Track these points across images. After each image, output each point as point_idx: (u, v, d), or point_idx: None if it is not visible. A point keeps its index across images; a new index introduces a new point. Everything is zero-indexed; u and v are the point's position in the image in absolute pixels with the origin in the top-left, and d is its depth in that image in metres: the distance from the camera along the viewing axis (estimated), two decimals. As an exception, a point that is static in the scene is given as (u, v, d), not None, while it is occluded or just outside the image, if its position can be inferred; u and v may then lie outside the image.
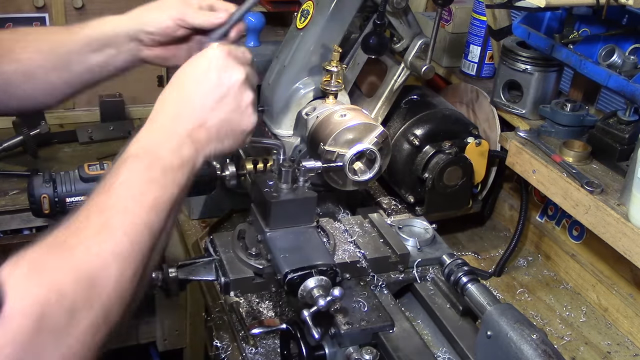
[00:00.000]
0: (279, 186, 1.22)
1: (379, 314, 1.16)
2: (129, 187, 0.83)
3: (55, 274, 0.71)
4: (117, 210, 0.80)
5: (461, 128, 1.60)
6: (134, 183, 0.84)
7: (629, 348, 1.43)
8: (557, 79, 1.64)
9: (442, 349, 1.22)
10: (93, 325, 0.72)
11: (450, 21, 1.96)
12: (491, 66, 1.89)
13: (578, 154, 1.47)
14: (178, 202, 0.88)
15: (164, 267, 1.19)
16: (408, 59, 1.54)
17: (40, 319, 0.67)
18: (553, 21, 1.60)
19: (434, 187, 1.55)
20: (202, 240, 1.63)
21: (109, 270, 0.75)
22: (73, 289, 0.71)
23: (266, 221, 1.20)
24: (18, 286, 0.67)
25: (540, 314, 1.51)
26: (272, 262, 1.17)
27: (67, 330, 0.69)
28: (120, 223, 0.79)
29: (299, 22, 1.55)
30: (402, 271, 1.30)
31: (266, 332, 1.22)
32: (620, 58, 1.43)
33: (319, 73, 1.49)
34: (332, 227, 1.32)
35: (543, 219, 1.72)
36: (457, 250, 1.70)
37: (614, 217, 1.30)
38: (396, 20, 1.50)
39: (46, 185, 1.16)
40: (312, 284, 1.09)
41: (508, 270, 1.64)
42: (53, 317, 0.68)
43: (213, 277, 1.21)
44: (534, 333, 1.00)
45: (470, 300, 1.12)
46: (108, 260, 0.76)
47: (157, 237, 0.83)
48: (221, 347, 1.35)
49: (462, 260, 1.20)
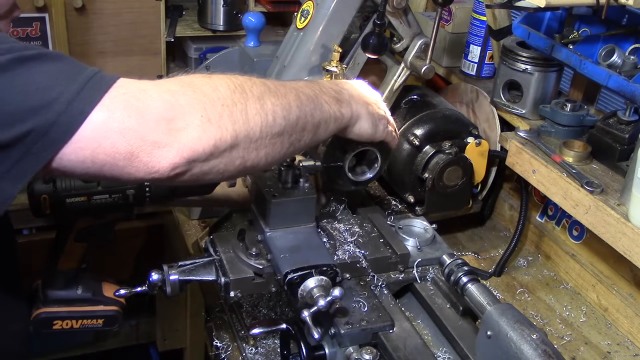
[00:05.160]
0: (279, 186, 1.22)
1: (379, 314, 1.16)
2: (291, 84, 1.01)
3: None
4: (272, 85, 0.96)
5: (461, 128, 1.60)
6: (295, 84, 1.02)
7: (629, 348, 1.43)
8: (557, 79, 1.64)
9: (442, 349, 1.22)
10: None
11: (450, 21, 1.96)
12: (491, 66, 1.89)
13: (578, 154, 1.47)
14: (317, 125, 1.02)
15: (164, 267, 1.19)
16: (408, 59, 1.54)
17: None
18: (553, 21, 1.60)
19: (434, 187, 1.55)
20: (202, 240, 1.63)
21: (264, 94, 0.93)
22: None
23: (266, 221, 1.20)
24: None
25: (540, 314, 1.51)
26: (272, 262, 1.17)
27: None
28: (275, 87, 0.96)
29: (299, 22, 1.56)
30: (402, 271, 1.30)
31: (266, 332, 1.22)
32: (620, 58, 1.43)
33: (319, 73, 1.49)
34: (332, 227, 1.32)
35: (543, 219, 1.72)
36: (457, 250, 1.70)
37: (614, 217, 1.30)
38: (396, 20, 1.50)
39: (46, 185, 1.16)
40: (312, 284, 1.09)
41: (508, 270, 1.64)
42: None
43: (213, 277, 1.21)
44: (534, 333, 1.00)
45: (470, 300, 1.12)
46: (264, 89, 0.93)
47: (302, 124, 0.98)
48: (221, 347, 1.35)
49: (462, 260, 1.19)
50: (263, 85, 0.94)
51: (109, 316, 1.29)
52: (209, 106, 0.84)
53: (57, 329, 1.27)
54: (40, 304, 1.25)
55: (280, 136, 0.94)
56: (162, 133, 0.80)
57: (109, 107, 0.78)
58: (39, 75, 0.77)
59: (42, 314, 1.25)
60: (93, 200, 1.18)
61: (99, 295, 1.29)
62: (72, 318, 1.27)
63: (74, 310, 1.27)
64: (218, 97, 0.86)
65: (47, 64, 0.78)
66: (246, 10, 2.35)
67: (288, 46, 1.56)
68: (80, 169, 0.80)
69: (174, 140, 0.81)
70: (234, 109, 0.87)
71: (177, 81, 0.87)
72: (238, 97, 0.88)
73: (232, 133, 0.86)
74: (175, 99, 0.83)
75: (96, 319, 1.29)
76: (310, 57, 1.51)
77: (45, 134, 0.76)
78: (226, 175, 0.89)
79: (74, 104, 0.76)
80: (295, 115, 0.96)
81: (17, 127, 0.75)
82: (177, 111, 0.82)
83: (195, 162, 0.84)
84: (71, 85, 0.77)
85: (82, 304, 1.28)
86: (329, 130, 1.06)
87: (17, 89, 0.75)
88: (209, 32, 2.43)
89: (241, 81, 0.91)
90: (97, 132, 0.77)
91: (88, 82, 0.78)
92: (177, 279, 1.18)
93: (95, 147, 0.78)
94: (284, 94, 0.96)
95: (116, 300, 1.29)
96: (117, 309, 1.30)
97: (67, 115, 0.76)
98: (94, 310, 1.28)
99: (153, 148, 0.80)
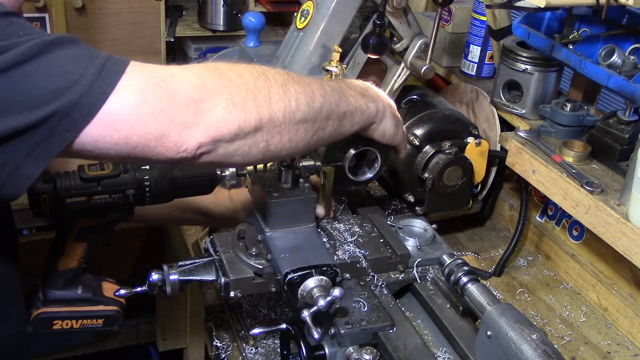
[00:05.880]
0: (279, 186, 1.22)
1: (379, 314, 1.16)
2: (315, 79, 1.04)
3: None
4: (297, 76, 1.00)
5: (461, 128, 1.60)
6: (320, 80, 1.05)
7: (629, 348, 1.43)
8: (557, 79, 1.64)
9: (442, 349, 1.22)
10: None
11: (450, 21, 1.96)
12: (491, 66, 1.89)
13: (578, 154, 1.47)
14: (342, 115, 1.04)
15: (164, 267, 1.19)
16: (408, 59, 1.54)
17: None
18: (553, 21, 1.60)
19: (434, 187, 1.55)
20: (202, 240, 1.63)
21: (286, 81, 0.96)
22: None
23: (266, 221, 1.20)
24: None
25: (540, 314, 1.51)
26: (272, 262, 1.17)
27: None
28: (298, 77, 0.99)
29: (299, 22, 1.56)
30: (402, 271, 1.30)
31: (266, 332, 1.22)
32: (620, 58, 1.43)
33: (319, 73, 1.49)
34: (332, 227, 1.32)
35: (543, 219, 1.72)
36: (457, 250, 1.70)
37: (614, 217, 1.30)
38: (396, 20, 1.50)
39: (46, 185, 1.16)
40: (312, 284, 1.09)
41: (508, 270, 1.64)
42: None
43: (213, 277, 1.21)
44: (534, 333, 1.00)
45: (470, 300, 1.12)
46: (287, 77, 0.96)
47: (325, 112, 1.00)
48: (221, 347, 1.35)
49: (462, 260, 1.19)
50: (286, 74, 0.97)
51: (109, 316, 1.29)
52: (234, 90, 0.88)
53: (57, 329, 1.27)
54: (40, 304, 1.25)
55: (303, 123, 0.96)
56: (190, 114, 0.84)
57: (141, 91, 0.81)
58: (61, 59, 0.80)
59: (42, 314, 1.25)
60: (93, 200, 1.18)
61: (99, 295, 1.29)
62: (72, 318, 1.27)
63: (74, 310, 1.27)
64: (242, 83, 0.90)
65: (67, 48, 0.81)
66: (246, 10, 2.36)
67: (288, 46, 1.56)
68: (114, 150, 0.82)
69: (201, 120, 0.85)
70: (257, 94, 0.90)
71: (203, 66, 0.91)
72: (262, 83, 0.92)
73: (255, 116, 0.89)
74: (202, 82, 0.86)
75: (96, 319, 1.29)
76: (310, 57, 1.51)
77: (68, 115, 0.78)
78: (250, 158, 0.92)
79: (95, 84, 0.79)
80: (319, 103, 0.99)
81: (42, 109, 0.77)
82: (204, 93, 0.86)
83: (220, 142, 0.87)
84: (90, 67, 0.80)
85: (82, 304, 1.27)
86: (355, 123, 1.09)
87: (43, 72, 0.78)
88: (209, 32, 2.43)
89: (264, 69, 0.95)
90: (131, 115, 0.81)
91: (106, 64, 0.81)
92: (177, 279, 1.19)
93: (130, 129, 0.81)
94: (307, 83, 0.99)
95: (116, 300, 1.29)
96: (117, 309, 1.29)
97: (89, 96, 0.79)
98: (94, 310, 1.28)
99: (182, 128, 0.83)
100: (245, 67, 0.93)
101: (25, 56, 0.77)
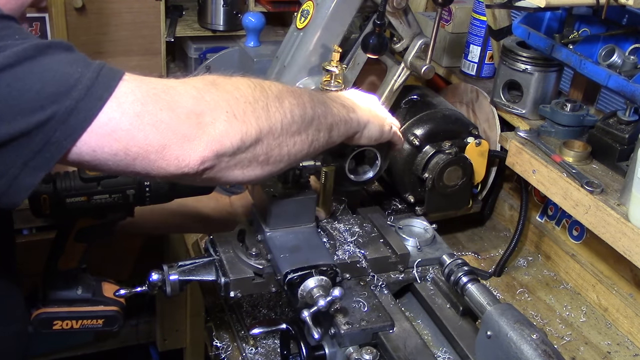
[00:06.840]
0: (278, 186, 1.22)
1: (379, 314, 1.16)
2: (304, 90, 1.04)
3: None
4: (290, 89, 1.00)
5: (461, 128, 1.60)
6: (308, 91, 1.05)
7: (629, 348, 1.43)
8: (557, 79, 1.64)
9: (442, 349, 1.22)
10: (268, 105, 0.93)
11: (450, 21, 1.96)
12: (491, 66, 1.89)
13: (578, 154, 1.47)
14: (330, 127, 1.05)
15: (164, 267, 1.19)
16: (408, 59, 1.54)
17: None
18: (553, 21, 1.60)
19: (434, 187, 1.55)
20: (202, 240, 1.63)
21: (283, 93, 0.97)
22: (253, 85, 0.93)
23: (266, 221, 1.20)
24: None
25: (540, 314, 1.51)
26: (272, 262, 1.17)
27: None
28: (291, 90, 0.99)
29: (299, 22, 1.56)
30: (402, 271, 1.30)
31: (266, 332, 1.22)
32: (620, 58, 1.43)
33: (319, 73, 1.49)
34: (332, 227, 1.32)
35: (543, 219, 1.72)
36: (457, 250, 1.70)
37: (614, 217, 1.30)
38: (396, 20, 1.50)
39: (46, 185, 1.16)
40: (312, 284, 1.09)
41: (508, 270, 1.64)
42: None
43: (213, 277, 1.21)
44: (534, 333, 1.00)
45: (470, 300, 1.12)
46: (281, 88, 0.97)
47: (316, 124, 1.01)
48: (221, 347, 1.35)
49: (462, 260, 1.19)
50: (280, 86, 0.98)
51: (109, 316, 1.29)
52: (233, 103, 0.88)
53: (57, 329, 1.27)
54: (40, 304, 1.25)
55: (299, 134, 0.97)
56: (192, 126, 0.83)
57: (142, 101, 0.80)
58: (56, 63, 0.78)
59: (42, 314, 1.25)
60: (93, 200, 1.18)
61: (99, 295, 1.29)
62: (72, 318, 1.27)
63: (74, 310, 1.27)
64: (240, 95, 0.89)
65: (62, 53, 0.80)
66: (246, 10, 2.35)
67: (288, 46, 1.57)
68: (113, 162, 0.81)
69: (203, 133, 0.84)
70: (256, 106, 0.90)
71: (200, 79, 0.90)
72: (259, 95, 0.92)
73: (256, 128, 0.89)
74: (201, 95, 0.86)
75: (96, 319, 1.29)
76: (310, 57, 1.51)
77: (64, 121, 0.77)
78: (250, 172, 0.92)
79: (93, 89, 0.78)
80: (310, 115, 0.99)
81: (37, 115, 0.76)
82: (204, 106, 0.85)
83: (223, 157, 0.86)
84: (87, 71, 0.79)
85: (82, 304, 1.28)
86: (340, 134, 1.09)
87: (37, 75, 0.76)
88: (209, 32, 2.43)
89: (259, 81, 0.95)
90: (132, 125, 0.79)
91: (102, 70, 0.80)
92: (177, 279, 1.19)
93: (129, 139, 0.80)
94: (299, 94, 0.99)
95: (116, 301, 1.29)
96: (117, 309, 1.30)
97: (87, 101, 0.77)
98: (94, 310, 1.28)
99: (184, 141, 0.82)
100: (241, 80, 0.93)
101: (19, 58, 0.76)
